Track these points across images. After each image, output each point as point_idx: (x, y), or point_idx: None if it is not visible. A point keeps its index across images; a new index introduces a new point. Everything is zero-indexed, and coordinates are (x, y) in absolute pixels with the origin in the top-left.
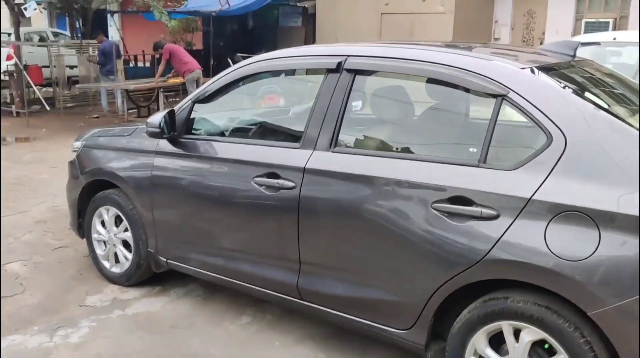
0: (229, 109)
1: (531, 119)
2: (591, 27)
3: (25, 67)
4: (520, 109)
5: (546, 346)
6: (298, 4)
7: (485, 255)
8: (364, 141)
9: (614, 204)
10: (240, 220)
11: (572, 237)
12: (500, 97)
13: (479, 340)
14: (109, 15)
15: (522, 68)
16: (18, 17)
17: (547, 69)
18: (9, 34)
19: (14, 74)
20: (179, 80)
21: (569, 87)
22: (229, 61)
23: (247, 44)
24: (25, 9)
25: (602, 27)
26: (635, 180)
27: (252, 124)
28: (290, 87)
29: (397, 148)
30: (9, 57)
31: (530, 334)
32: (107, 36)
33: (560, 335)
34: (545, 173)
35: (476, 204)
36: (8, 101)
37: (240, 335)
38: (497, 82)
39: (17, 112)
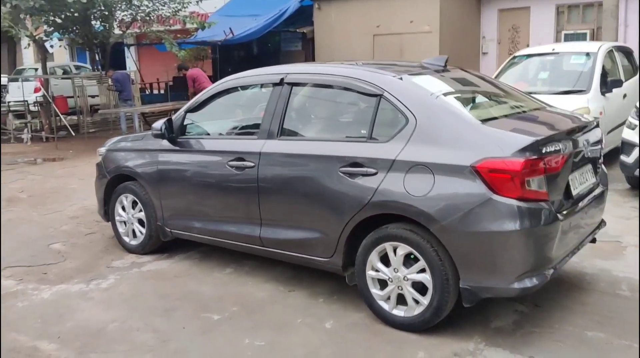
0: (211, 114)
1: (396, 108)
2: (570, 38)
3: (52, 97)
4: (390, 103)
5: (412, 257)
6: (297, 30)
7: (371, 199)
8: (300, 130)
9: (442, 159)
10: (220, 193)
11: (419, 181)
12: (379, 96)
13: (374, 258)
14: (125, 48)
15: (393, 76)
16: (45, 54)
17: (416, 76)
18: (36, 69)
19: (43, 104)
20: None
21: (424, 87)
22: None
23: (253, 68)
24: (52, 46)
25: (580, 37)
26: (455, 144)
27: (226, 125)
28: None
29: (320, 134)
30: (36, 90)
31: (403, 249)
32: (124, 67)
33: (420, 248)
34: (404, 142)
35: (364, 166)
36: (38, 128)
37: (225, 279)
38: (377, 86)
39: (47, 138)
